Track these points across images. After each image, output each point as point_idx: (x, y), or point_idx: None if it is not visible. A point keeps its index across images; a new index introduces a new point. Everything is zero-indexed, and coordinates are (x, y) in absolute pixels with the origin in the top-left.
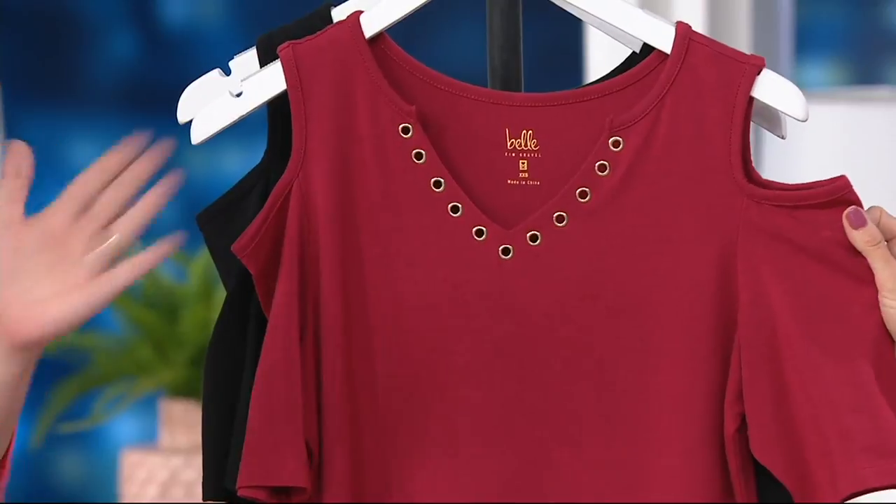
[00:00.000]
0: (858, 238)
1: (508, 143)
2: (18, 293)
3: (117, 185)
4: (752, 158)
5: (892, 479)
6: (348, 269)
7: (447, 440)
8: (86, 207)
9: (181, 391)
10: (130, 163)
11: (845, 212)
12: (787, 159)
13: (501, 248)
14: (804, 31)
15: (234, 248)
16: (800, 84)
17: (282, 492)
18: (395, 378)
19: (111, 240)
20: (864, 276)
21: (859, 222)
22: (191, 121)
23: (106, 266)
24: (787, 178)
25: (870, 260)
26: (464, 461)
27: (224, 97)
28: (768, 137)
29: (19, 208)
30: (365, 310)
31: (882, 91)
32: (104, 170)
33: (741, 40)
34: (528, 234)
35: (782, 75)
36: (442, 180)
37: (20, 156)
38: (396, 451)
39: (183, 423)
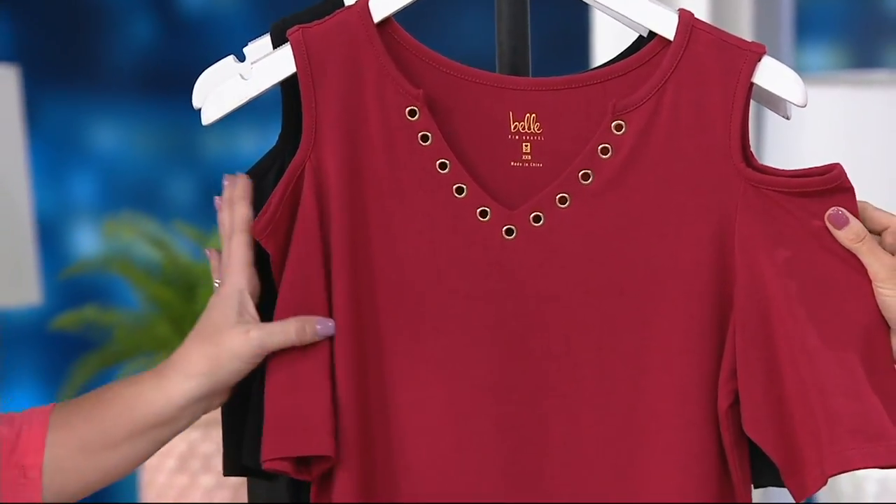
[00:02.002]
0: (843, 237)
1: (512, 126)
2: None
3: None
4: (755, 139)
5: (876, 461)
6: (356, 250)
7: (452, 417)
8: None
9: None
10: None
11: (827, 214)
12: (789, 140)
13: (505, 228)
14: (805, 16)
15: (253, 231)
16: (800, 68)
17: (303, 463)
18: (401, 356)
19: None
20: (858, 265)
21: (841, 222)
22: None
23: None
24: (789, 159)
25: (859, 255)
26: (468, 435)
27: (234, 79)
28: (770, 119)
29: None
30: (372, 288)
31: (880, 74)
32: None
33: (743, 25)
34: (531, 215)
35: (783, 59)
36: (447, 162)
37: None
38: (403, 428)
39: None
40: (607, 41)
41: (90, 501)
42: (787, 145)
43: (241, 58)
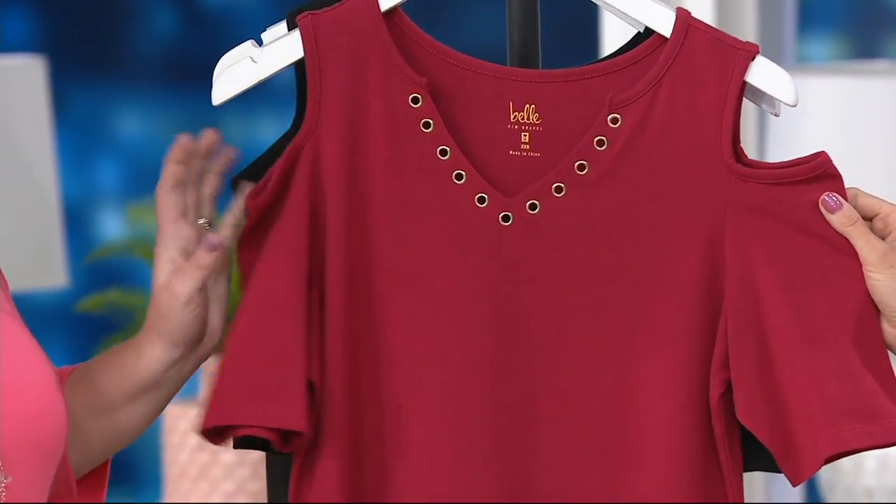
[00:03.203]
0: (836, 221)
1: (512, 116)
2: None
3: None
4: (757, 129)
5: (870, 441)
6: (354, 232)
7: (446, 397)
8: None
9: (220, 347)
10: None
11: (820, 198)
12: (791, 130)
13: (501, 214)
14: (807, 7)
15: (248, 204)
16: (802, 58)
17: (281, 433)
18: (397, 335)
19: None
20: (847, 249)
21: (835, 206)
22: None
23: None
24: (791, 148)
25: (851, 239)
26: (461, 416)
27: (245, 62)
28: None
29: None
30: (370, 269)
31: (881, 65)
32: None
33: (746, 16)
34: (528, 203)
35: (785, 50)
36: (448, 149)
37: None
38: (396, 408)
39: None
40: (616, 33)
41: (114, 480)
42: (788, 135)
43: (260, 43)
